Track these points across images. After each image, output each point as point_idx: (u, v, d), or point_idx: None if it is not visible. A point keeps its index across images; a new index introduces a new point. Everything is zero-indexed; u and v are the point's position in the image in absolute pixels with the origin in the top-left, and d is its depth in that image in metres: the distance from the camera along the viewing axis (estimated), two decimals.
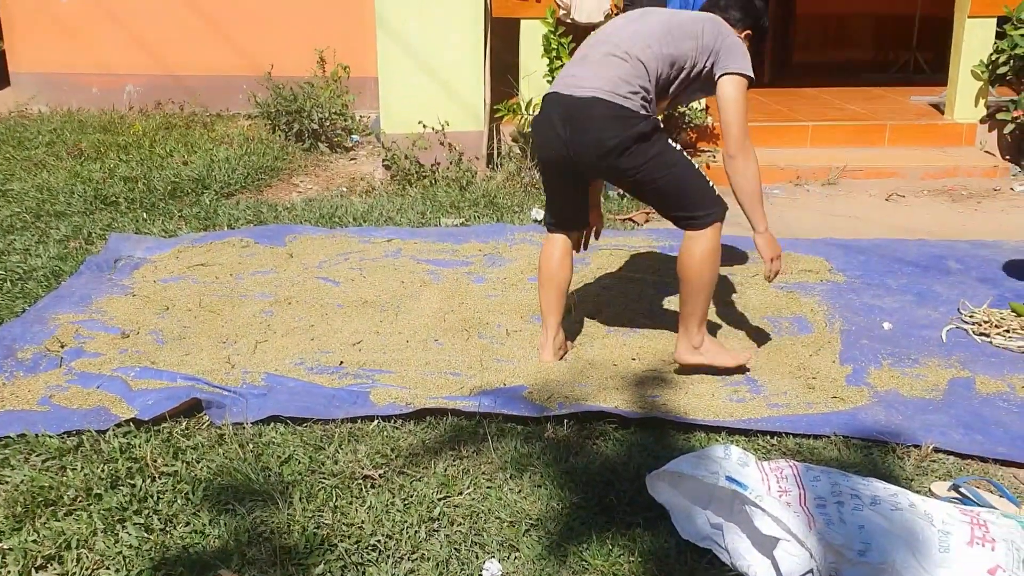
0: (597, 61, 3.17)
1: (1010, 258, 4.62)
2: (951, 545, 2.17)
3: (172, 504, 2.53)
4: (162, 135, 6.89)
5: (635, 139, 3.08)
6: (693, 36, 3.17)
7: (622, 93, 3.08)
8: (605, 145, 3.08)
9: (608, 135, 3.08)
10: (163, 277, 4.30)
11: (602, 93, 3.08)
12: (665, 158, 3.15)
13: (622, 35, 3.21)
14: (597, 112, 3.08)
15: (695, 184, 3.19)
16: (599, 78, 3.11)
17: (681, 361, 3.30)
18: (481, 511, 2.51)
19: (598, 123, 3.09)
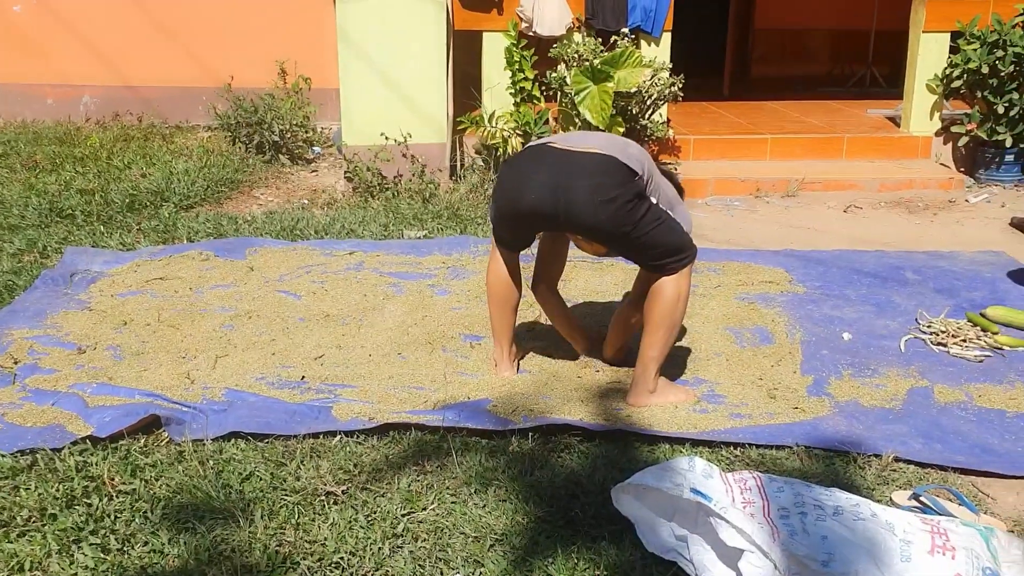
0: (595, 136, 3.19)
1: (966, 268, 4.70)
2: (912, 554, 2.19)
3: (130, 523, 2.48)
4: (120, 147, 6.80)
5: (636, 194, 3.00)
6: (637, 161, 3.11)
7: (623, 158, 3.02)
8: (608, 192, 2.97)
9: (612, 180, 2.98)
10: (121, 291, 4.23)
11: (605, 151, 3.04)
12: (654, 212, 3.08)
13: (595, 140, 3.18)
14: (605, 162, 3.01)
15: (676, 233, 3.12)
16: (602, 147, 3.07)
17: (635, 405, 3.20)
18: (445, 527, 2.49)
19: (605, 169, 3.00)
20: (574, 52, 6.05)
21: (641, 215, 3.03)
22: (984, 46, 6.36)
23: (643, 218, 3.03)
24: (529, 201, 3.06)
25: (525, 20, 6.30)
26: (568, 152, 3.07)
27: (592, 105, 5.59)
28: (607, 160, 3.01)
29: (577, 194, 2.98)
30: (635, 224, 3.02)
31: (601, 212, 2.98)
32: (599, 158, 3.02)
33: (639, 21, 6.36)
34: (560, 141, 3.16)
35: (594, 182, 2.98)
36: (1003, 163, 6.49)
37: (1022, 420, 3.18)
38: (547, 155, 3.10)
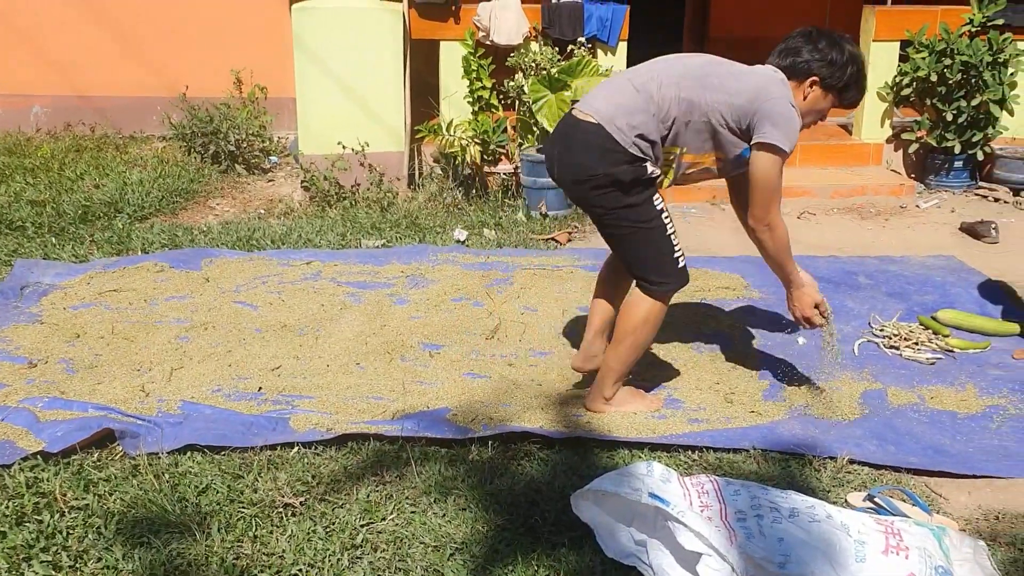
0: (616, 86, 3.04)
1: (917, 272, 4.78)
2: (867, 555, 2.22)
3: (83, 539, 2.44)
4: (72, 158, 6.69)
5: (612, 181, 2.93)
6: (727, 92, 2.94)
7: (618, 125, 2.91)
8: (581, 173, 2.97)
9: (587, 163, 2.94)
10: (73, 304, 4.16)
11: (602, 119, 2.93)
12: (638, 213, 2.99)
13: (656, 67, 3.05)
14: (585, 138, 2.95)
15: (659, 251, 3.04)
16: (603, 102, 2.98)
17: (590, 410, 3.21)
18: (405, 536, 2.48)
19: (582, 148, 2.96)
20: (531, 61, 6.07)
21: (616, 206, 2.98)
22: (932, 55, 6.48)
23: (616, 210, 2.99)
24: (549, 170, 3.17)
25: (482, 29, 6.31)
26: (572, 119, 3.03)
27: (550, 114, 5.61)
28: (593, 132, 2.94)
29: (561, 169, 3.06)
30: (606, 210, 3.01)
31: (575, 190, 3.07)
32: (589, 129, 2.95)
33: (595, 31, 6.39)
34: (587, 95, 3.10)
35: (572, 160, 3.00)
36: (952, 169, 6.62)
37: (973, 421, 3.24)
38: (562, 121, 3.14)
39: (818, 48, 3.02)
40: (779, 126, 2.89)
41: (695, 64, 3.06)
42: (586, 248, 5.20)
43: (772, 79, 2.99)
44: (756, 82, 2.96)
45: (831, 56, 3.01)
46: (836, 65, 3.02)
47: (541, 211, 5.71)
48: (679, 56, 3.15)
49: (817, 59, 3.02)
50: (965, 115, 6.42)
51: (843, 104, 3.14)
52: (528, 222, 5.62)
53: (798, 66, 3.04)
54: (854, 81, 3.06)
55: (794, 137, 2.92)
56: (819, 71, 3.02)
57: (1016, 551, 2.52)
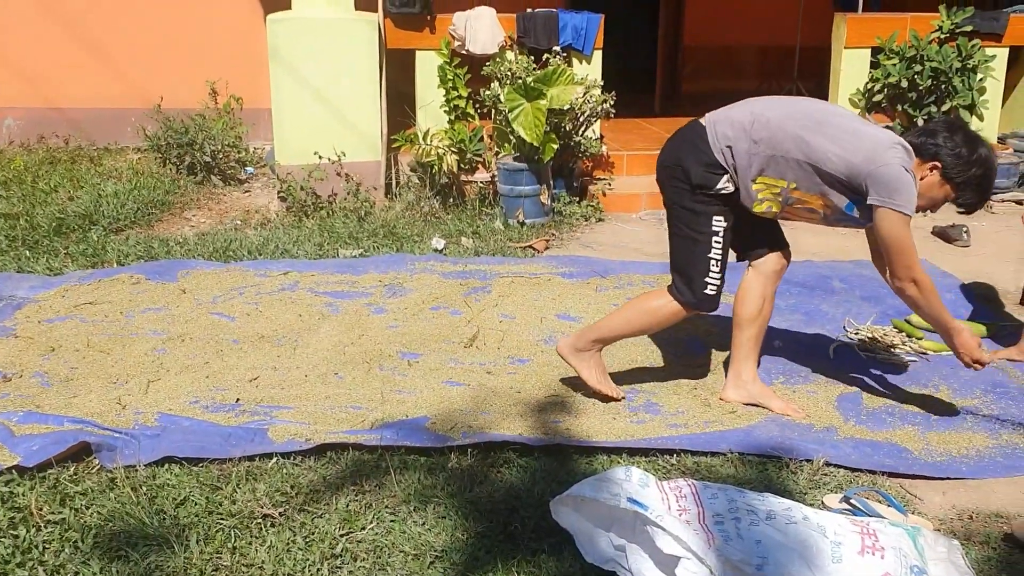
0: (744, 101, 3.20)
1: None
2: (843, 555, 2.25)
3: (59, 554, 2.42)
4: (46, 170, 6.64)
5: (685, 176, 3.10)
6: (843, 145, 2.96)
7: (718, 129, 3.08)
8: (668, 159, 3.18)
9: (675, 151, 3.16)
10: (48, 317, 4.13)
11: (707, 120, 3.14)
12: (694, 220, 3.13)
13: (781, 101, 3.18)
14: (688, 130, 3.16)
15: (694, 264, 3.16)
16: (720, 111, 3.15)
17: (560, 351, 3.36)
18: (385, 545, 2.48)
19: (680, 138, 3.18)
20: (507, 70, 6.10)
21: (679, 203, 3.16)
22: (903, 61, 6.57)
23: (676, 208, 3.17)
24: None
25: (457, 38, 6.33)
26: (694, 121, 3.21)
27: (526, 122, 5.63)
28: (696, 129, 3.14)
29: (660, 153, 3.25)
30: (671, 203, 3.20)
31: (659, 174, 3.24)
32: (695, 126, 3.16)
33: (570, 39, 6.43)
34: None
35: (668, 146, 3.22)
36: None
37: (947, 423, 3.28)
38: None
39: (952, 138, 3.02)
40: (898, 190, 2.91)
41: (819, 108, 3.13)
42: (564, 256, 5.21)
43: (890, 144, 2.97)
44: (873, 145, 2.96)
45: (961, 150, 3.00)
46: (962, 159, 3.00)
47: (518, 219, 5.73)
48: (810, 99, 3.22)
49: (948, 148, 3.01)
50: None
51: (958, 202, 3.12)
52: (506, 230, 5.64)
53: (927, 146, 3.04)
54: (975, 184, 3.04)
55: (913, 201, 2.93)
56: (943, 158, 3.01)
57: (989, 550, 2.56)
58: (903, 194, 2.91)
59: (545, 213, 5.84)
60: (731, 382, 3.40)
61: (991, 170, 3.06)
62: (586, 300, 4.45)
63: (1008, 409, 3.39)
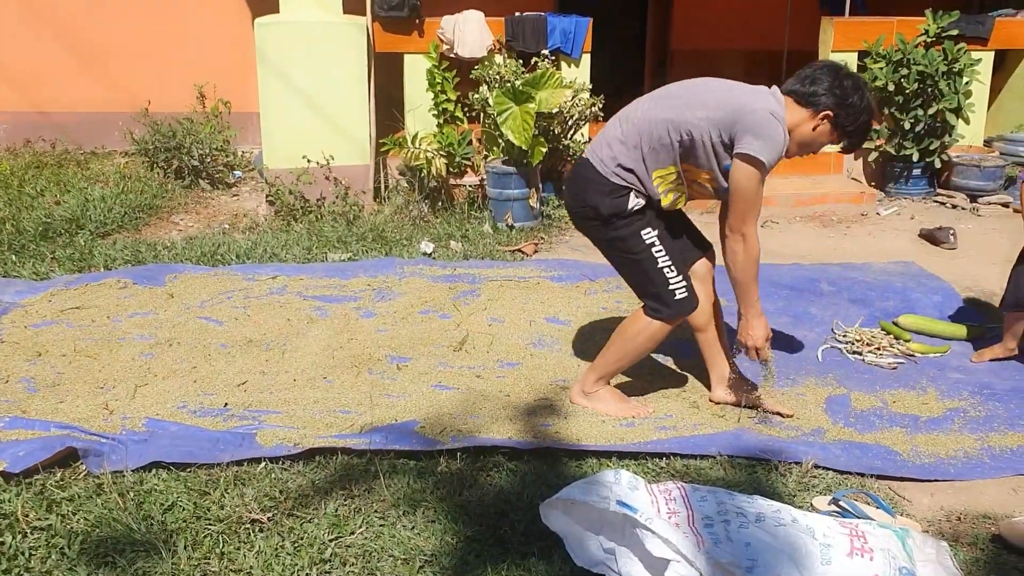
0: (615, 117, 3.16)
1: (878, 278, 4.85)
2: (832, 557, 2.25)
3: (46, 560, 2.40)
4: (32, 174, 6.61)
5: (596, 214, 3.07)
6: (708, 107, 2.94)
7: (601, 156, 3.05)
8: (575, 205, 3.17)
9: (578, 195, 3.13)
10: (35, 322, 4.11)
11: (589, 152, 3.10)
12: (626, 246, 3.09)
13: (648, 95, 3.13)
14: (579, 171, 3.14)
15: (651, 281, 3.12)
16: (601, 134, 3.12)
17: (571, 401, 3.36)
18: (374, 550, 2.47)
19: (575, 181, 3.16)
20: (495, 74, 6.10)
21: (602, 238, 3.15)
22: (889, 65, 6.60)
23: (604, 242, 3.17)
24: None
25: (446, 42, 6.33)
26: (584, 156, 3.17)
27: (514, 126, 5.63)
28: (584, 165, 3.10)
29: (566, 203, 3.29)
30: (597, 241, 3.19)
31: (574, 222, 3.24)
32: (582, 163, 3.12)
33: (559, 43, 6.44)
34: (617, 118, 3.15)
35: (569, 193, 3.25)
36: (911, 177, 6.73)
37: (934, 425, 3.29)
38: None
39: (842, 86, 2.98)
40: (760, 137, 2.88)
41: (685, 85, 3.10)
42: (552, 259, 5.22)
43: (762, 95, 2.97)
44: (742, 98, 2.95)
45: (852, 99, 2.99)
46: (854, 109, 3.00)
47: (507, 223, 5.73)
48: (678, 83, 3.15)
49: (839, 97, 2.98)
50: (922, 124, 6.54)
51: (842, 147, 3.15)
52: (494, 234, 5.63)
53: (817, 98, 3.00)
54: (864, 130, 3.07)
55: (776, 150, 2.91)
56: (835, 109, 2.99)
57: (977, 551, 2.56)
58: (765, 141, 2.88)
59: (534, 216, 5.85)
60: (716, 384, 3.42)
61: (873, 112, 3.08)
62: (575, 303, 4.45)
63: (995, 411, 3.40)
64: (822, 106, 2.99)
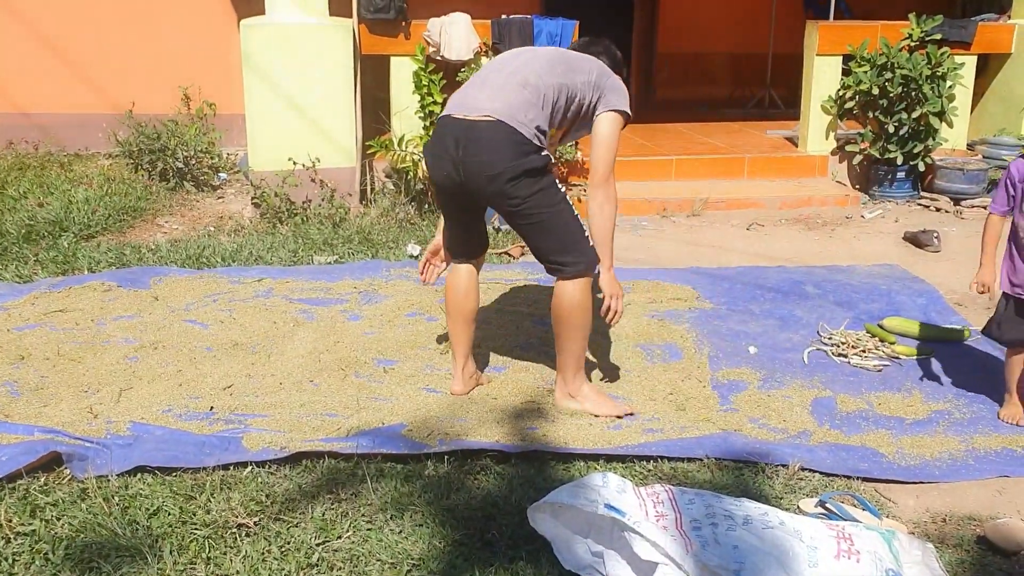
0: (497, 86, 3.17)
1: (863, 281, 4.87)
2: (819, 560, 2.26)
3: (29, 566, 2.38)
4: (14, 176, 6.55)
5: (525, 170, 3.08)
6: (584, 71, 3.23)
7: (520, 119, 3.09)
8: (495, 168, 3.07)
9: (499, 159, 3.07)
10: (17, 325, 4.08)
11: (501, 115, 3.08)
12: (549, 196, 3.17)
13: (517, 63, 3.25)
14: (492, 135, 3.08)
15: (572, 229, 3.22)
16: (498, 101, 3.11)
17: (558, 406, 3.35)
18: (361, 554, 2.46)
19: (491, 145, 3.08)
20: None
21: (530, 192, 3.14)
22: (874, 68, 6.64)
23: (532, 196, 3.15)
24: (440, 178, 3.23)
25: (432, 45, 6.32)
26: (464, 122, 3.12)
27: None
28: (497, 129, 3.08)
29: (470, 169, 3.12)
30: (523, 200, 3.14)
31: (490, 188, 3.13)
32: (491, 127, 3.09)
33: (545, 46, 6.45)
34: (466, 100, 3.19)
35: (484, 159, 3.10)
36: (895, 180, 6.77)
37: (919, 427, 3.31)
38: (449, 128, 3.17)
39: (609, 50, 3.48)
40: (622, 95, 3.29)
41: (556, 53, 3.37)
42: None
43: (603, 63, 3.37)
44: (599, 65, 3.32)
45: (618, 57, 3.51)
46: (619, 64, 3.49)
47: (494, 225, 5.72)
48: (530, 49, 3.43)
49: (614, 57, 3.48)
50: (906, 127, 6.58)
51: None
52: None
53: (615, 60, 3.47)
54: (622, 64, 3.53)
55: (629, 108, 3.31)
56: (615, 68, 3.42)
57: (963, 552, 2.58)
58: (625, 98, 3.29)
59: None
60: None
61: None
62: None
63: (979, 412, 3.42)
64: (618, 67, 3.46)
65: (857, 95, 6.77)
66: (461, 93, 3.27)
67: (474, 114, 3.11)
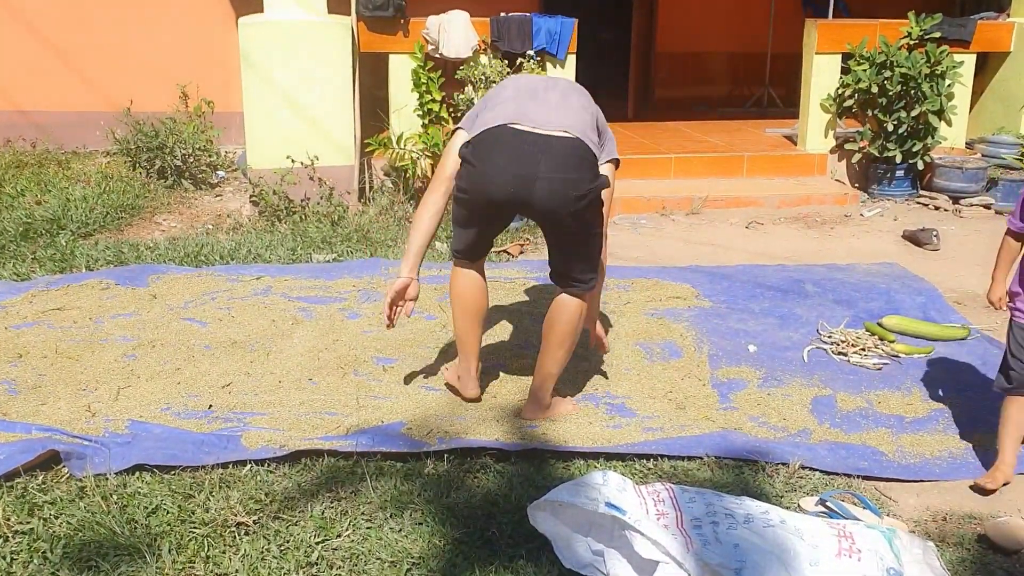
0: (557, 104, 3.07)
1: (862, 279, 4.87)
2: (820, 558, 2.25)
3: (27, 565, 2.37)
4: (12, 174, 6.54)
5: (599, 190, 3.06)
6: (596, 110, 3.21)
7: (591, 139, 3.07)
8: (581, 187, 2.98)
9: (584, 177, 3.00)
10: (15, 323, 4.06)
11: (575, 133, 3.01)
12: (600, 217, 3.15)
13: (560, 87, 3.18)
14: (576, 152, 3.00)
15: (599, 249, 3.23)
16: (569, 119, 3.04)
17: (530, 419, 3.23)
18: (361, 553, 2.46)
19: (577, 163, 2.99)
20: (481, 74, 6.09)
21: (596, 212, 3.11)
22: (873, 67, 6.63)
23: (595, 215, 3.11)
24: (494, 189, 3.01)
25: (431, 42, 6.31)
26: (541, 137, 2.98)
27: None
28: (578, 146, 3.01)
29: (556, 186, 2.96)
30: (594, 217, 3.11)
31: (567, 207, 3.00)
32: (574, 144, 3.00)
33: (544, 44, 6.44)
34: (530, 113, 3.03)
35: (571, 176, 2.98)
36: (894, 178, 6.77)
37: (919, 425, 3.31)
38: (518, 139, 2.99)
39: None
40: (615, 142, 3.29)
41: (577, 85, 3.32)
42: (538, 260, 5.21)
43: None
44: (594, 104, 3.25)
45: None
46: None
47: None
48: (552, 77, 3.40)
49: None
50: (905, 125, 6.58)
51: None
52: None
53: None
54: None
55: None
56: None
57: (963, 551, 2.58)
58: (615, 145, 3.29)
59: (520, 219, 5.83)
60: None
61: None
62: None
63: (979, 411, 3.41)
64: None
65: (856, 93, 6.76)
66: (514, 105, 3.07)
67: (548, 128, 2.99)
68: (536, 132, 2.99)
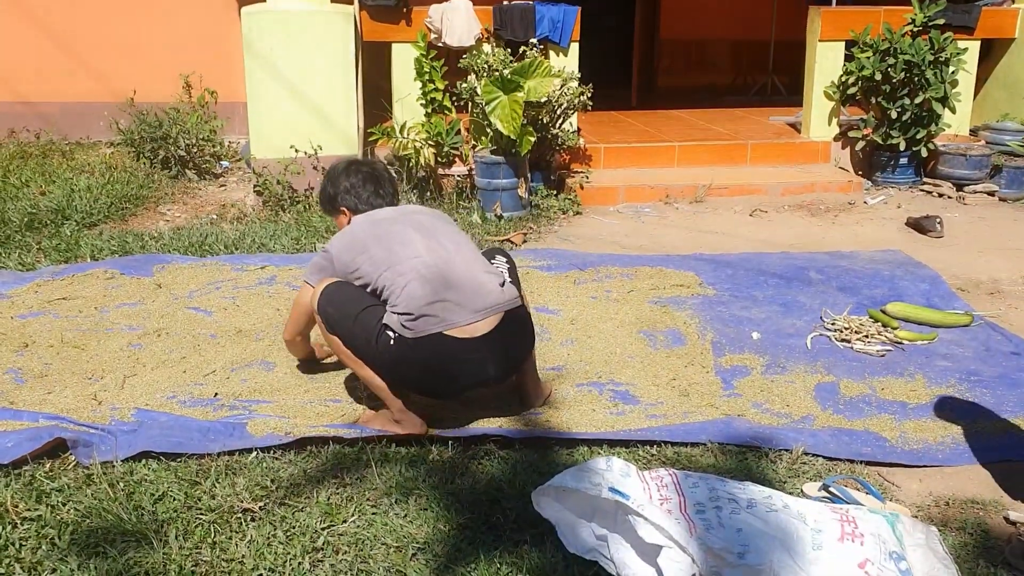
0: (473, 259, 3.07)
1: (866, 266, 4.87)
2: (823, 542, 2.26)
3: (36, 551, 2.39)
4: (16, 165, 6.55)
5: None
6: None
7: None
8: (530, 344, 3.19)
9: (532, 335, 3.20)
10: (21, 313, 4.08)
11: (516, 294, 3.09)
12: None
13: (443, 229, 3.17)
14: (527, 317, 3.16)
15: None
16: (496, 276, 3.07)
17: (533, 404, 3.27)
18: (366, 538, 2.47)
19: (529, 327, 3.17)
20: (484, 63, 6.08)
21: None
22: (876, 54, 6.61)
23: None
24: (469, 376, 2.99)
25: (434, 31, 6.31)
26: (510, 316, 3.01)
27: (503, 115, 5.62)
28: (525, 311, 3.15)
29: (521, 356, 3.13)
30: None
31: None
32: (524, 311, 3.13)
33: (547, 32, 6.43)
34: (465, 286, 2.95)
35: (527, 343, 3.16)
36: (898, 166, 6.76)
37: (922, 411, 3.31)
38: (513, 321, 3.03)
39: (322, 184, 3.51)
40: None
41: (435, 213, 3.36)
42: (542, 249, 5.22)
43: None
44: None
45: (326, 189, 3.45)
46: (325, 193, 3.45)
47: (496, 213, 5.72)
48: (407, 213, 3.26)
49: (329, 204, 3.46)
50: (909, 113, 6.56)
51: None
52: (483, 224, 5.63)
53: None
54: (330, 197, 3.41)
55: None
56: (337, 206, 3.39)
57: (966, 536, 2.58)
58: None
59: (523, 206, 5.84)
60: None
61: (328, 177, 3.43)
62: (564, 293, 4.46)
63: (982, 397, 3.42)
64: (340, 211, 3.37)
65: (860, 81, 6.74)
66: (439, 283, 2.92)
67: (504, 300, 3.00)
68: (514, 311, 3.04)
